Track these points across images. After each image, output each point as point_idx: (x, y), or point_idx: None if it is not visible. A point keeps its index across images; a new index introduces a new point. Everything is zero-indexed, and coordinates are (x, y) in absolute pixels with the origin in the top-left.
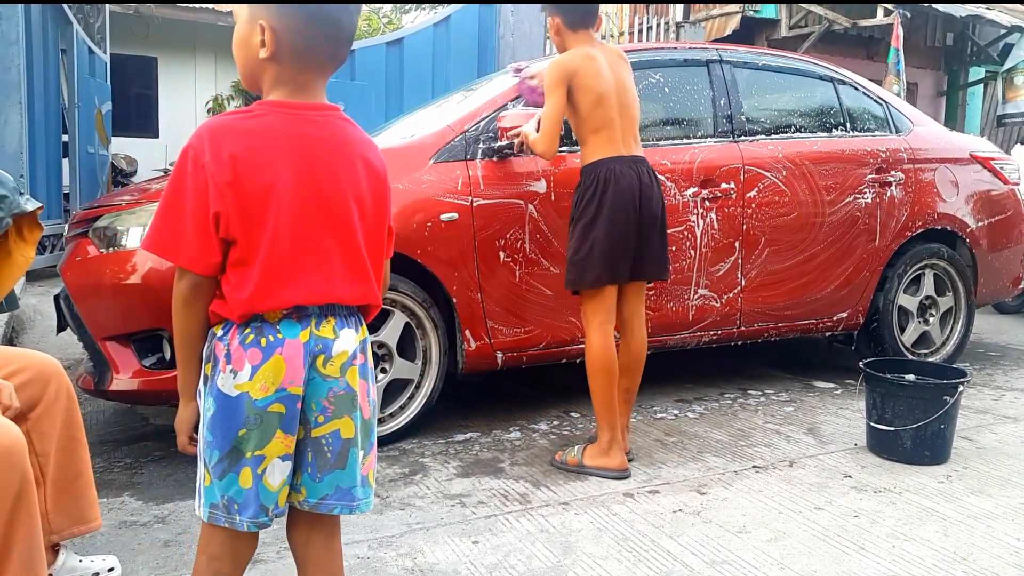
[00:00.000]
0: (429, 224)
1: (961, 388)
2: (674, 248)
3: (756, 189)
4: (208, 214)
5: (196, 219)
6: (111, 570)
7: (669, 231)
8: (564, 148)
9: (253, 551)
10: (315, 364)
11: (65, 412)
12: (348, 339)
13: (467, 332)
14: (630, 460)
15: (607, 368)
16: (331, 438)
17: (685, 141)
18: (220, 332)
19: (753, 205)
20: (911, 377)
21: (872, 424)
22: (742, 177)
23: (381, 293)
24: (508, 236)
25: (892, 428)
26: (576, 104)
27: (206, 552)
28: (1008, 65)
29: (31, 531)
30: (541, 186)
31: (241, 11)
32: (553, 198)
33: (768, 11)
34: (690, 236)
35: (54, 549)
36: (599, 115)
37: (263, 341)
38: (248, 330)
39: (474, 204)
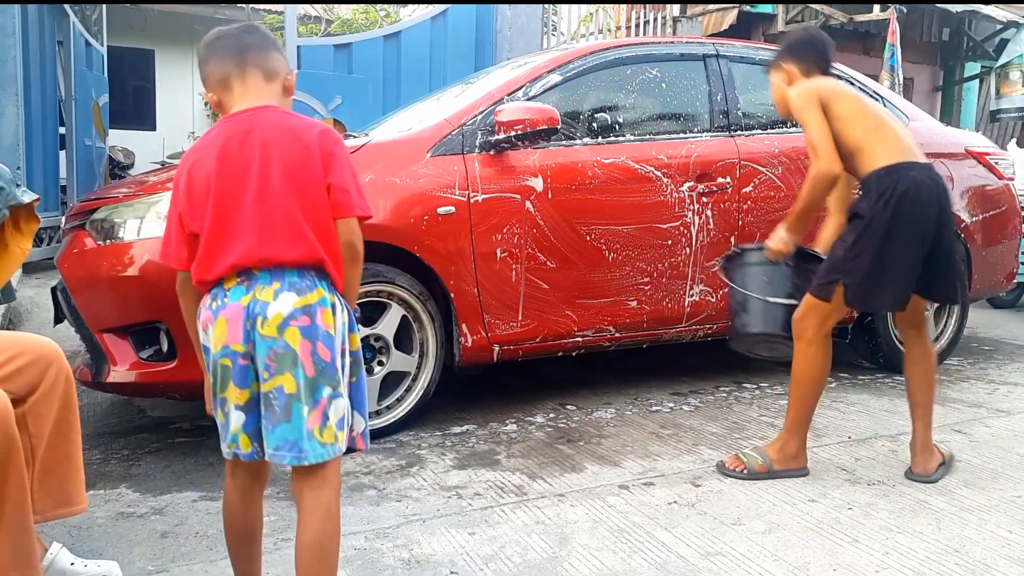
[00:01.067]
0: (426, 218)
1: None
2: (670, 243)
3: (752, 184)
4: (176, 215)
5: (174, 224)
6: None
7: (664, 226)
8: (563, 142)
9: (267, 471)
10: (256, 325)
11: (63, 397)
12: (286, 302)
13: (464, 326)
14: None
15: (819, 383)
16: (276, 393)
17: (681, 136)
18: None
19: (749, 200)
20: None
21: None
22: (738, 172)
23: (349, 250)
24: (505, 230)
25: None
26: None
27: (230, 475)
28: (1003, 60)
29: (21, 490)
30: (538, 181)
31: None
32: (550, 193)
33: (765, 6)
34: (686, 231)
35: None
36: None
37: (214, 305)
38: (209, 298)
39: (471, 198)
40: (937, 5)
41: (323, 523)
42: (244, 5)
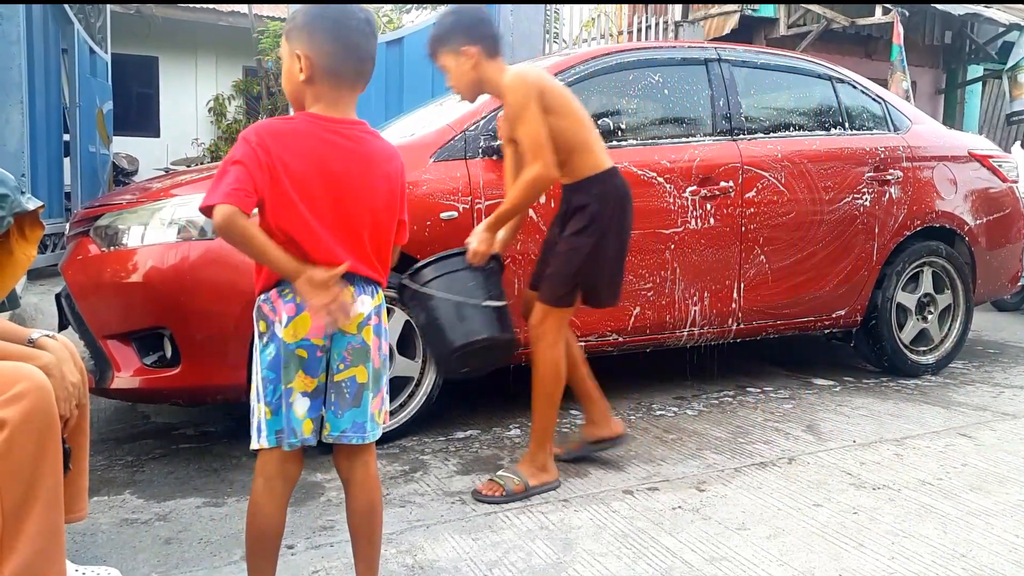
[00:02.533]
0: (428, 223)
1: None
2: (673, 247)
3: (755, 188)
4: (251, 180)
5: (249, 182)
6: None
7: (667, 231)
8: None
9: (299, 472)
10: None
11: (79, 398)
12: (364, 304)
13: None
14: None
15: (563, 384)
16: (349, 382)
17: (684, 140)
18: (263, 297)
19: (752, 204)
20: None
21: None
22: (741, 176)
23: (386, 272)
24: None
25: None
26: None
27: (263, 475)
28: (1012, 63)
29: (58, 469)
30: None
31: (283, 47)
32: (553, 201)
33: (767, 10)
34: (688, 236)
35: None
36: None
37: (298, 300)
38: (287, 291)
39: (474, 203)
40: (939, 8)
41: (374, 492)
42: (247, 11)
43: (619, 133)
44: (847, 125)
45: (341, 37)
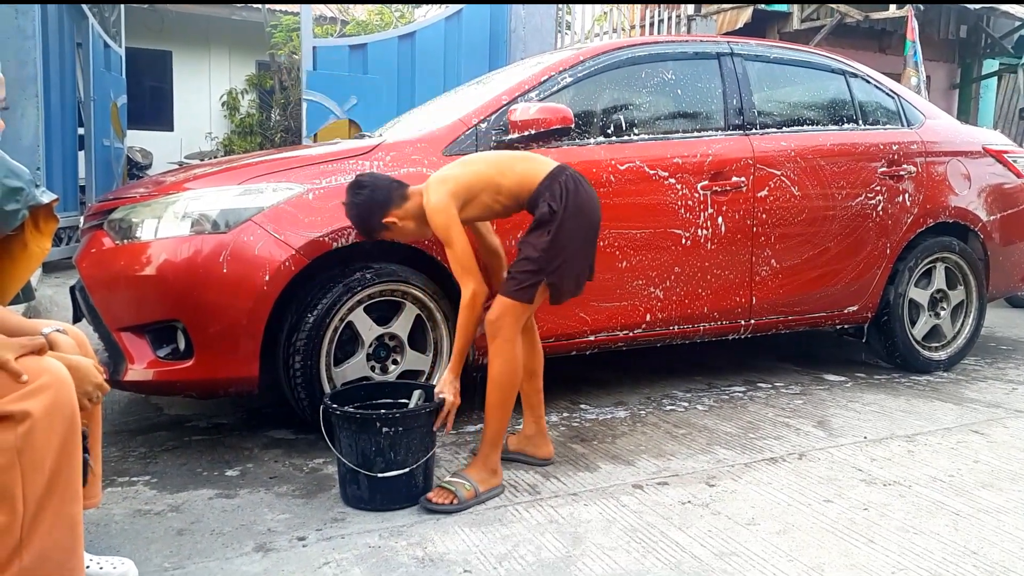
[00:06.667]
0: None
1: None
2: (684, 243)
3: (767, 183)
4: None
5: None
6: None
7: (678, 227)
8: (576, 142)
9: None
10: None
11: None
12: None
13: None
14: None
15: (519, 383)
16: None
17: (696, 135)
18: None
19: (764, 200)
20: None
21: (376, 475)
22: (753, 171)
23: None
24: (519, 233)
25: (407, 469)
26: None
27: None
28: None
29: (77, 461)
30: None
31: None
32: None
33: (779, 4)
34: (699, 232)
35: None
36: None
37: None
38: None
39: None
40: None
41: None
42: (260, 6)
43: (630, 128)
44: (860, 120)
45: None
